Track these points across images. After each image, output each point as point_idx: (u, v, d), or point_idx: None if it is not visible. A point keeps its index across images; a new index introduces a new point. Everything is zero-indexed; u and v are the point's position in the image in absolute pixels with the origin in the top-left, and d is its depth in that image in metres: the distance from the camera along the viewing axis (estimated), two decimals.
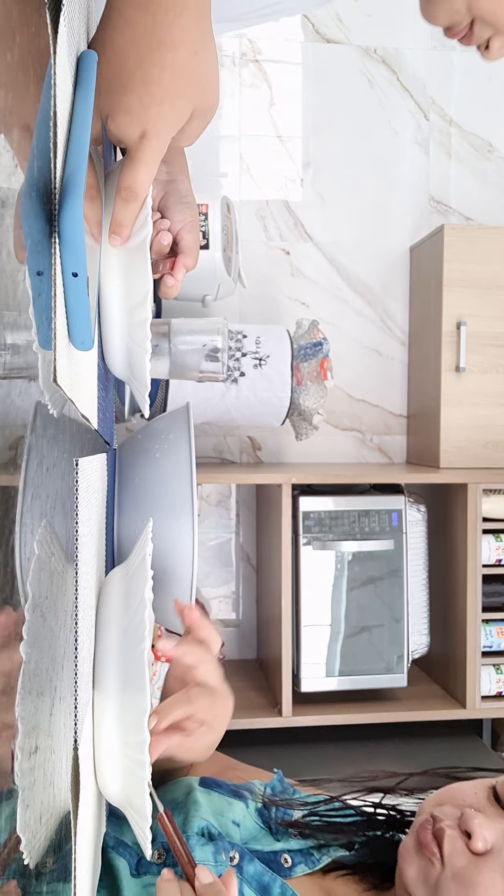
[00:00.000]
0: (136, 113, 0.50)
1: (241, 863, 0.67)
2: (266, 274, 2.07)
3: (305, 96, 2.09)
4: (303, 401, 1.64)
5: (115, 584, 0.60)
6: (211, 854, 0.66)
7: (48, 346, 0.39)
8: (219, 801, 0.73)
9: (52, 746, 0.51)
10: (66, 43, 0.41)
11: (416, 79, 2.12)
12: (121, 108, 0.50)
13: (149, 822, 0.51)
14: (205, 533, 2.07)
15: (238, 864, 0.67)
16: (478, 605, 1.76)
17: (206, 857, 0.65)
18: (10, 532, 0.65)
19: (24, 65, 0.46)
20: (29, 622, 0.50)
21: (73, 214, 0.38)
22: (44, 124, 0.39)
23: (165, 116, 0.51)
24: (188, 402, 0.90)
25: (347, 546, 1.75)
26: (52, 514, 0.65)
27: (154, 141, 0.52)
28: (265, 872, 0.68)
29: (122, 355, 0.62)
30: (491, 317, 1.86)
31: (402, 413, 2.16)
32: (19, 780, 0.45)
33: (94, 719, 0.54)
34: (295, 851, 0.72)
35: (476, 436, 1.88)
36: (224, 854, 0.67)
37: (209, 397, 1.62)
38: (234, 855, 0.67)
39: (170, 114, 0.51)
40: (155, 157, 0.53)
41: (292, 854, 0.72)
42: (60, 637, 0.54)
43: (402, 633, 1.78)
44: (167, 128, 0.52)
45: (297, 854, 0.72)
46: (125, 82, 0.49)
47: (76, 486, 0.46)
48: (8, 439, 0.65)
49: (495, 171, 2.17)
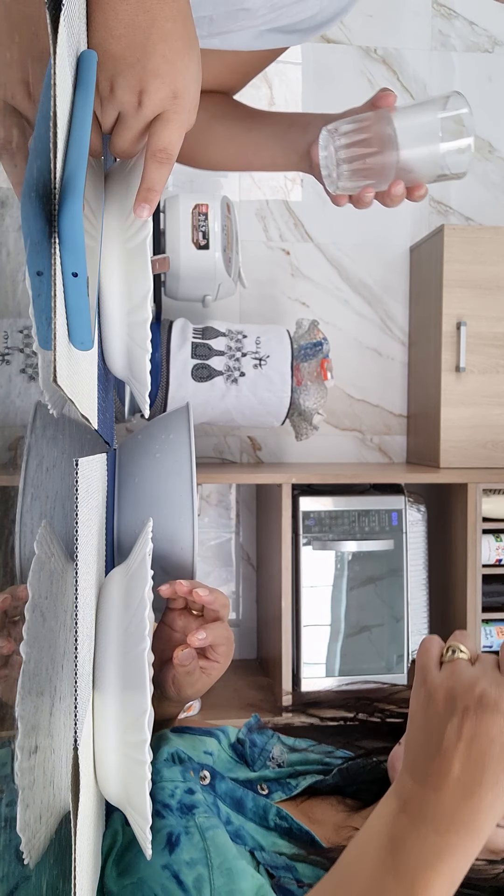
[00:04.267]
0: (164, 72, 0.50)
1: (212, 781, 0.68)
2: (266, 274, 2.07)
3: (305, 96, 2.09)
4: (303, 401, 1.65)
5: (115, 584, 0.60)
6: (179, 772, 0.66)
7: (48, 346, 0.39)
8: (191, 739, 0.75)
9: (51, 746, 0.51)
10: (66, 43, 0.41)
11: (416, 79, 2.12)
12: (150, 73, 0.50)
13: (149, 823, 0.51)
14: (205, 533, 2.07)
15: (210, 783, 0.68)
16: (478, 605, 1.76)
17: (173, 776, 0.65)
18: (10, 532, 0.65)
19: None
20: (29, 622, 0.50)
21: (73, 214, 0.38)
22: (44, 124, 0.39)
23: (190, 70, 0.51)
24: (188, 402, 0.90)
25: (347, 546, 1.75)
26: (52, 514, 0.65)
27: (185, 99, 0.52)
28: (237, 788, 0.69)
29: (122, 355, 0.62)
30: (491, 317, 1.86)
31: (402, 413, 2.16)
32: (19, 779, 0.45)
33: (94, 719, 0.54)
34: (271, 780, 0.73)
35: (476, 436, 1.88)
36: (193, 773, 0.67)
37: (209, 397, 1.62)
38: (205, 774, 0.68)
39: (193, 67, 0.52)
40: (187, 117, 0.53)
41: (269, 783, 0.73)
42: (60, 637, 0.54)
43: (402, 632, 1.78)
44: (194, 84, 0.52)
45: (274, 783, 0.73)
46: (145, 46, 0.49)
47: (76, 486, 0.46)
48: (8, 439, 0.65)
49: (495, 172, 2.17)
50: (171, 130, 0.52)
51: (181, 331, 1.63)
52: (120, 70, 0.49)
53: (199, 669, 0.73)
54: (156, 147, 0.52)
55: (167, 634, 0.76)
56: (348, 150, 0.72)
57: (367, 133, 0.71)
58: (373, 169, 0.72)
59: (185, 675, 0.72)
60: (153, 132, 0.52)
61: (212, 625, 0.73)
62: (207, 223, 1.65)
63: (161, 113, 0.52)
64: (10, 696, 0.48)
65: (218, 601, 0.73)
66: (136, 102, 0.51)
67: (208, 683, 0.75)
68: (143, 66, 0.49)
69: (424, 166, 0.72)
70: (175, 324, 1.65)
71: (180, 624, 0.76)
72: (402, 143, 0.71)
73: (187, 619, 0.76)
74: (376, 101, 0.75)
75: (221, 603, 0.73)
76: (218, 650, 0.73)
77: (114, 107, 0.52)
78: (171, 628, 0.76)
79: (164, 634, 0.76)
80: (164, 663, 0.74)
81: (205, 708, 1.76)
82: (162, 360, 1.60)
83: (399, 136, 0.71)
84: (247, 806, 0.68)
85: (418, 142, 0.71)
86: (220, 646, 0.73)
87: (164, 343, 1.61)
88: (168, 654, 0.74)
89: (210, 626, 0.72)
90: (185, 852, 0.58)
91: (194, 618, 0.76)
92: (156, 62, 0.49)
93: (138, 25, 0.49)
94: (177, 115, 0.52)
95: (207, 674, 0.74)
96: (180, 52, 0.50)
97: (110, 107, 0.52)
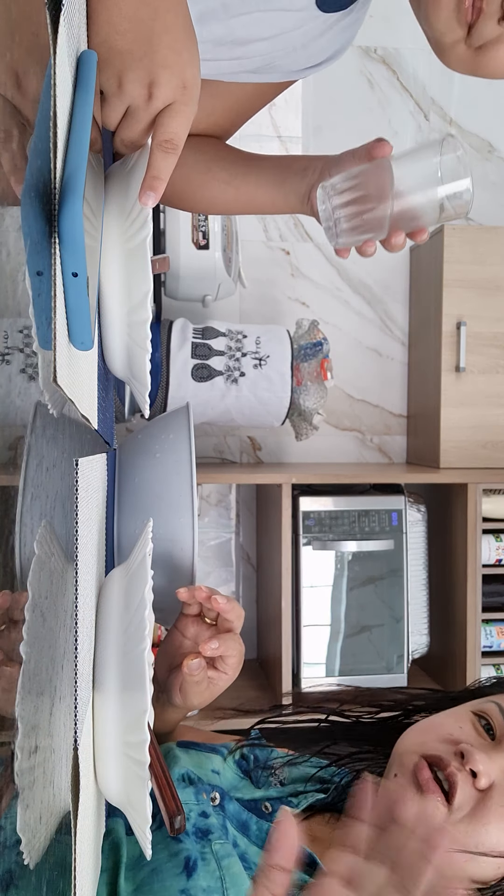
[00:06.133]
0: (173, 62, 0.50)
1: (222, 802, 0.69)
2: (266, 274, 2.07)
3: (305, 96, 2.09)
4: (303, 401, 1.65)
5: (115, 584, 0.60)
6: (192, 794, 0.67)
7: (48, 346, 0.39)
8: (197, 756, 0.75)
9: (52, 746, 0.51)
10: (66, 43, 0.41)
11: (416, 79, 2.12)
12: (159, 65, 0.50)
13: (149, 823, 0.51)
14: (205, 533, 2.07)
15: (220, 803, 0.68)
16: (478, 605, 1.76)
17: (187, 798, 0.66)
18: (10, 532, 0.65)
19: None
20: (29, 622, 0.50)
21: (73, 214, 0.38)
22: (44, 124, 0.39)
23: (194, 60, 0.52)
24: (188, 402, 0.90)
25: (347, 546, 1.75)
26: (52, 514, 0.65)
27: (193, 89, 0.52)
28: (242, 811, 0.70)
29: (122, 355, 0.62)
30: (491, 317, 1.86)
31: (402, 413, 2.16)
32: (19, 779, 0.45)
33: (94, 719, 0.54)
34: (274, 799, 0.74)
35: (476, 436, 1.88)
36: (205, 794, 0.68)
37: (209, 397, 1.62)
38: (216, 795, 0.69)
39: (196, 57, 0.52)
40: (193, 107, 0.53)
41: (272, 801, 0.73)
42: (60, 637, 0.54)
43: (402, 632, 1.78)
44: (197, 74, 0.53)
45: (277, 801, 0.73)
46: (150, 39, 0.49)
47: (76, 486, 0.46)
48: (8, 439, 0.65)
49: (495, 172, 2.17)
50: (180, 121, 0.53)
51: (181, 331, 1.63)
52: (128, 65, 0.50)
53: (207, 679, 0.72)
54: (163, 137, 0.53)
55: (178, 641, 0.76)
56: (345, 209, 0.71)
57: (364, 189, 0.71)
58: (371, 222, 0.72)
59: (194, 684, 0.72)
60: (161, 123, 0.53)
61: (225, 635, 0.72)
62: (207, 223, 1.65)
63: (171, 104, 0.52)
64: (10, 698, 0.48)
65: (234, 611, 0.73)
66: (147, 95, 0.51)
67: (215, 693, 0.75)
68: (150, 59, 0.50)
69: (425, 212, 0.72)
70: (175, 324, 1.65)
71: (192, 631, 0.75)
72: (401, 193, 0.71)
73: (199, 627, 0.75)
74: (372, 151, 0.75)
75: (237, 614, 0.73)
76: (228, 661, 0.73)
77: (123, 102, 0.52)
78: (182, 634, 0.76)
79: (176, 640, 0.76)
80: (173, 670, 0.74)
81: (205, 708, 1.76)
82: (162, 360, 1.60)
83: (397, 186, 0.71)
84: (251, 829, 0.69)
85: (417, 189, 0.71)
86: (231, 657, 0.73)
87: (164, 343, 1.61)
88: (177, 661, 0.73)
89: (223, 637, 0.72)
90: (202, 879, 0.59)
91: (207, 626, 0.75)
92: (164, 54, 0.50)
93: (142, 19, 0.49)
94: (185, 105, 0.52)
95: (214, 684, 0.73)
96: (185, 43, 0.51)
97: (119, 102, 0.52)
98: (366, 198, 0.71)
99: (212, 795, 0.68)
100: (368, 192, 0.71)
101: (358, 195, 0.71)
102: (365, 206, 0.71)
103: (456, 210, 0.71)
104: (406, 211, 0.71)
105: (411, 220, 0.72)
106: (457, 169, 0.70)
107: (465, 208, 0.71)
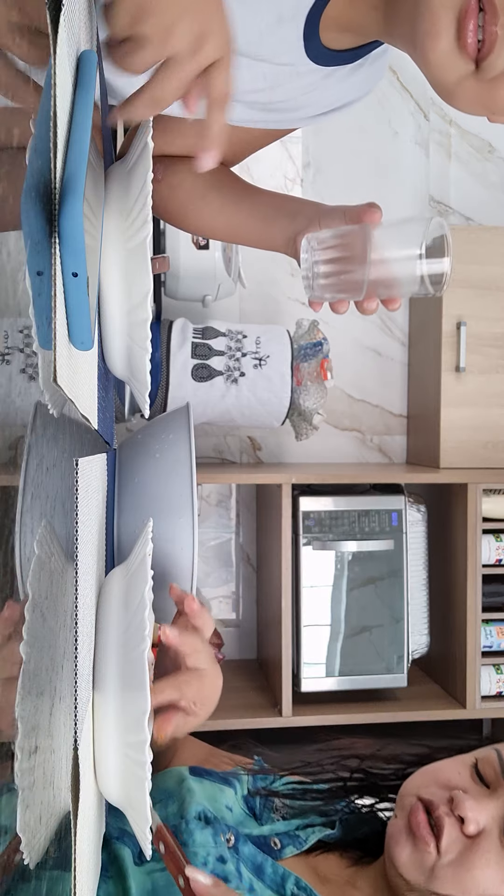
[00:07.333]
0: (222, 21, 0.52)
1: (236, 844, 0.69)
2: (266, 274, 2.07)
3: None
4: (303, 401, 1.65)
5: (115, 584, 0.60)
6: (210, 836, 0.67)
7: (48, 346, 0.39)
8: (210, 788, 0.74)
9: (52, 746, 0.51)
10: (66, 43, 0.41)
11: (416, 79, 2.11)
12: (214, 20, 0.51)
13: (149, 823, 0.51)
14: (205, 533, 2.07)
15: (234, 845, 0.68)
16: (478, 605, 1.76)
17: (205, 840, 0.66)
18: (10, 532, 0.65)
19: None
20: (29, 622, 0.50)
21: (73, 214, 0.38)
22: (44, 124, 0.39)
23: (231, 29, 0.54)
24: (188, 402, 0.90)
25: (347, 546, 1.75)
26: (52, 514, 0.65)
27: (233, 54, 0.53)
28: (257, 853, 0.69)
29: (122, 355, 0.62)
30: (491, 317, 1.86)
31: (402, 413, 2.16)
32: (19, 780, 0.45)
33: (94, 719, 0.54)
34: (282, 834, 0.73)
35: (476, 436, 1.88)
36: (222, 836, 0.68)
37: (209, 397, 1.62)
38: (231, 836, 0.69)
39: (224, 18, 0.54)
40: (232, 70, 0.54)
41: (280, 837, 0.73)
42: (60, 637, 0.54)
43: (402, 633, 1.78)
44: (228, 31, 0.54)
45: (285, 836, 0.73)
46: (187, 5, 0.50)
47: (76, 486, 0.46)
48: (8, 439, 0.65)
49: (495, 172, 2.17)
50: (229, 77, 0.54)
51: (181, 331, 1.63)
52: (181, 15, 0.50)
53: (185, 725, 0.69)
54: (220, 92, 0.54)
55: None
56: (326, 266, 0.72)
57: (348, 251, 0.71)
58: (349, 284, 0.72)
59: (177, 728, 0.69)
60: (214, 77, 0.53)
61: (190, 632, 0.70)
62: None
63: (219, 59, 0.53)
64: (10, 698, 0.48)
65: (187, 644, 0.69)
66: (195, 48, 0.52)
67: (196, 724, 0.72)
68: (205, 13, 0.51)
69: (401, 284, 0.72)
70: (175, 324, 1.65)
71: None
72: (382, 261, 0.71)
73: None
74: (363, 216, 0.75)
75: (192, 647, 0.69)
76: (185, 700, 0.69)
77: (165, 51, 0.52)
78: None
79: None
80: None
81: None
82: (162, 360, 1.60)
83: (381, 254, 0.71)
84: (266, 872, 0.68)
85: (398, 261, 0.72)
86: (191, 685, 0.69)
87: (164, 343, 1.61)
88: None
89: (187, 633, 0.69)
90: None
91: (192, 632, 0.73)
92: (217, 12, 0.52)
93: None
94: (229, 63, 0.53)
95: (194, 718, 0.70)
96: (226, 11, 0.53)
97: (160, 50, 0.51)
98: (348, 259, 0.71)
99: (227, 836, 0.68)
100: (352, 254, 0.71)
101: (340, 255, 0.72)
102: (345, 268, 0.71)
103: (433, 288, 0.72)
104: (384, 279, 0.72)
105: (388, 288, 0.73)
106: (440, 250, 0.71)
107: (440, 288, 0.72)
